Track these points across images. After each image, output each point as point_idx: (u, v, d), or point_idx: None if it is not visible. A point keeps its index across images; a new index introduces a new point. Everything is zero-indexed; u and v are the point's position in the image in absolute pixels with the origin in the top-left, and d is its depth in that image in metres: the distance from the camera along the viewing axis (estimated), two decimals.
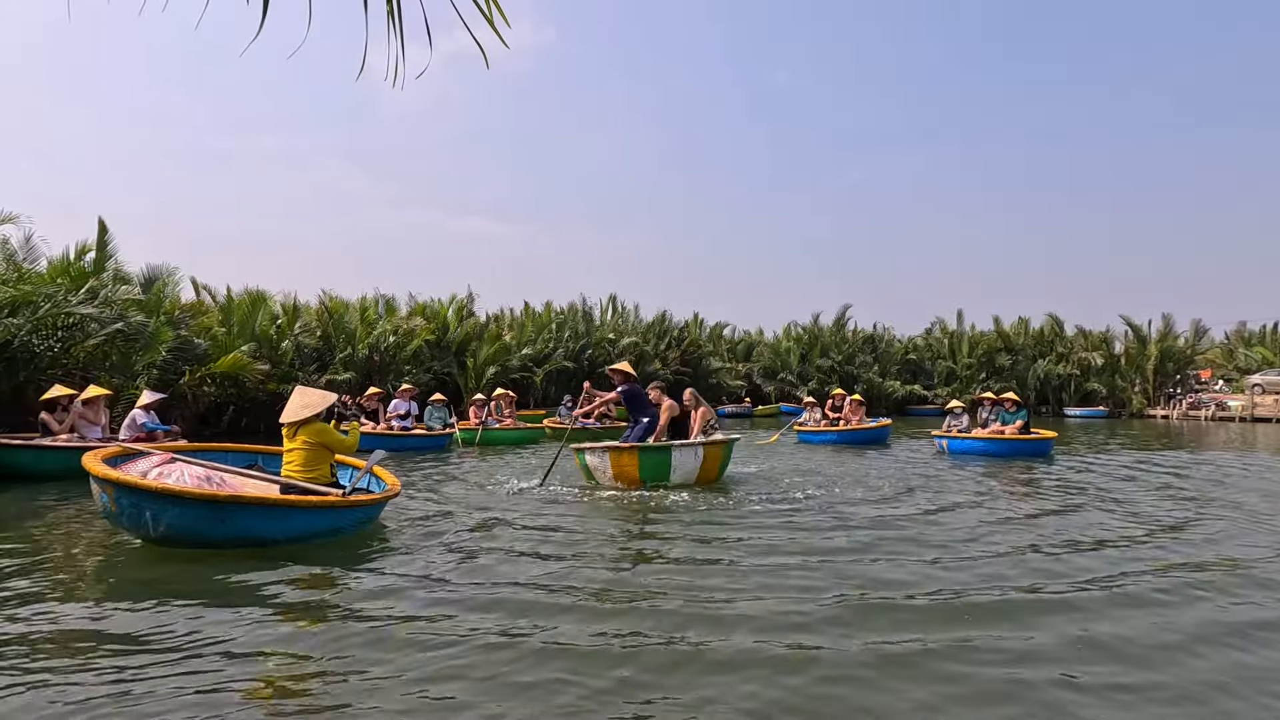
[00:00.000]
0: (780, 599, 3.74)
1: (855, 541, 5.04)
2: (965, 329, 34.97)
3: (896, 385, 31.98)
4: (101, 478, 4.42)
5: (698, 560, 4.55)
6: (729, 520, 5.84)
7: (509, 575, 4.16)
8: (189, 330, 14.34)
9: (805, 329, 34.29)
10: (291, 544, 4.69)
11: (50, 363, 10.68)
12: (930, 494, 7.37)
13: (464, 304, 23.93)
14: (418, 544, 4.95)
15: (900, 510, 6.40)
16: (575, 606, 3.64)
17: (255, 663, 2.92)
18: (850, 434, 14.28)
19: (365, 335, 18.98)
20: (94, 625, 3.33)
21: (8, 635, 3.18)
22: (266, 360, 15.78)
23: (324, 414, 5.25)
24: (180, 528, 4.42)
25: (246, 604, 3.62)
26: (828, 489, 7.64)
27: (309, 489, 4.96)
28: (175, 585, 3.91)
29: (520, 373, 23.09)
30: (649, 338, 30.18)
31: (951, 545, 4.96)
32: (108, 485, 4.42)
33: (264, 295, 17.50)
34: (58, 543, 5.06)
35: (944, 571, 4.29)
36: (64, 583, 4.05)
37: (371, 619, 3.43)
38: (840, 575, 4.19)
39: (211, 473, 4.91)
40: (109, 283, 12.43)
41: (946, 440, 12.30)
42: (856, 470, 9.51)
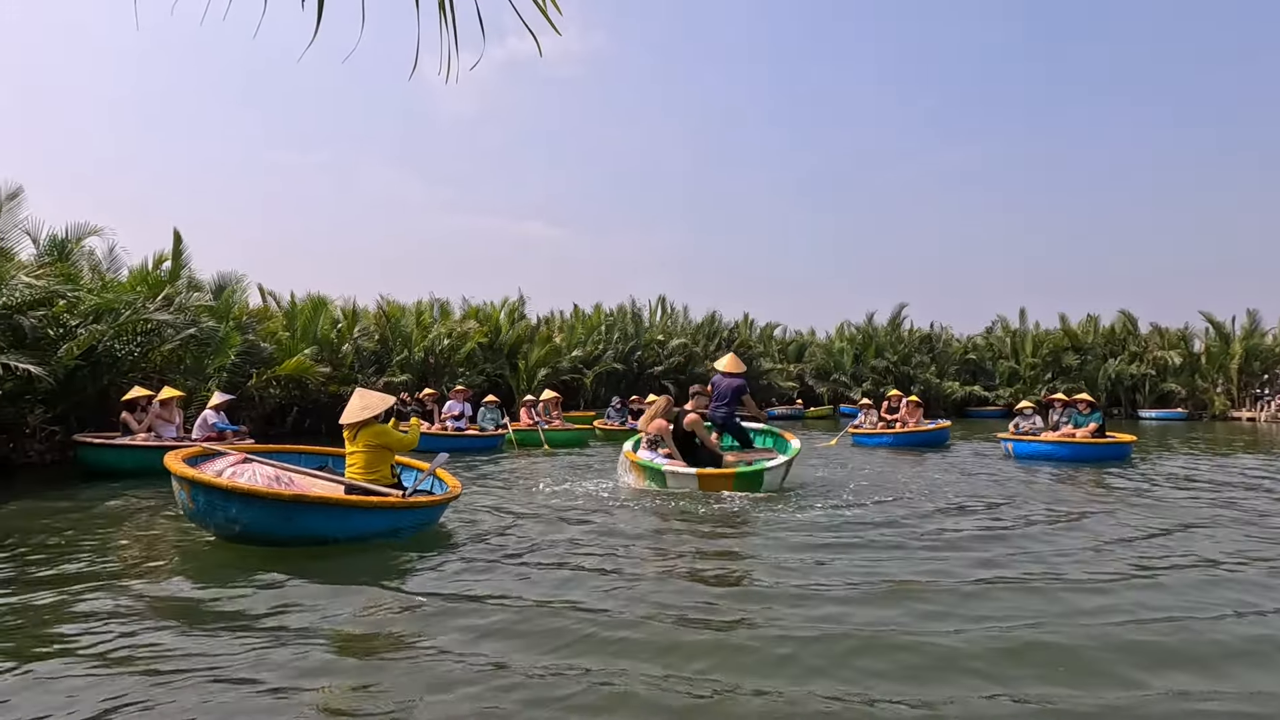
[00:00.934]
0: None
1: (951, 569, 4.37)
2: (1029, 327, 33.59)
3: (955, 386, 30.94)
4: (180, 476, 4.64)
5: (759, 578, 4.24)
6: (796, 533, 5.45)
7: (566, 582, 4.13)
8: (256, 335, 14.96)
9: (859, 329, 33.51)
10: (353, 543, 4.79)
11: (130, 366, 11.25)
12: (1017, 507, 6.67)
13: (515, 307, 24.29)
14: (471, 546, 4.98)
15: (987, 525, 5.78)
16: (635, 621, 3.55)
17: (306, 658, 2.97)
18: (908, 436, 13.85)
19: (421, 338, 19.47)
20: (155, 615, 3.46)
21: (87, 615, 3.33)
22: (328, 363, 16.34)
23: (383, 415, 5.35)
24: (249, 525, 4.58)
25: (304, 600, 3.69)
26: (896, 498, 7.10)
27: (371, 490, 5.07)
28: (237, 579, 4.04)
29: (570, 374, 23.28)
30: (698, 339, 30.02)
31: (1064, 572, 4.28)
32: (186, 483, 4.64)
33: (325, 300, 18.12)
34: (136, 535, 5.32)
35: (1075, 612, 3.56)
36: (139, 571, 4.24)
37: (422, 620, 3.45)
38: (947, 605, 3.64)
39: (281, 473, 5.10)
40: (183, 290, 13.07)
41: (1012, 443, 11.74)
42: (919, 476, 9.08)
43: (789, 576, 4.19)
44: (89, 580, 4.05)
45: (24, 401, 9.42)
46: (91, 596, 3.74)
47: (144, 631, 3.24)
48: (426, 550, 4.81)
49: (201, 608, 3.60)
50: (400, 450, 5.44)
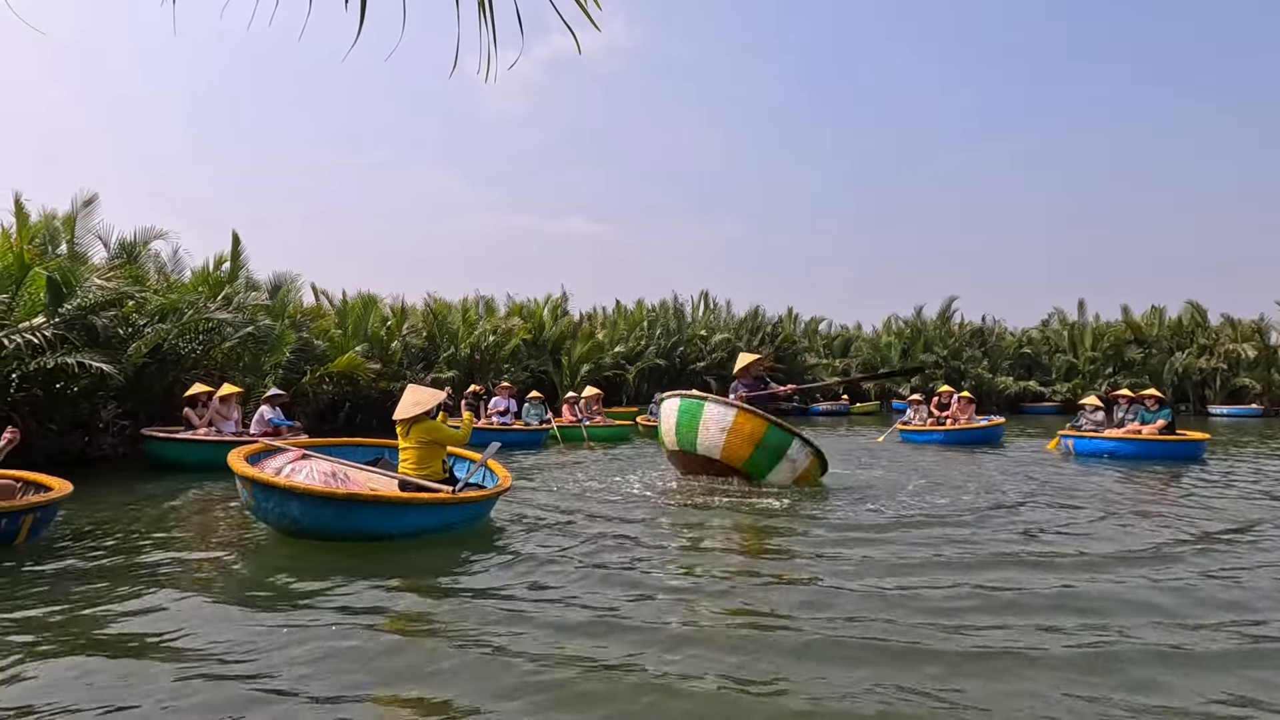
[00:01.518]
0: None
1: (1022, 579, 4.08)
2: (1088, 320, 32.19)
3: (1009, 381, 29.91)
4: (242, 475, 4.81)
5: (816, 581, 4.15)
6: (852, 533, 5.29)
7: (619, 579, 4.14)
8: (309, 333, 15.45)
9: (907, 322, 32.69)
10: (407, 539, 4.88)
11: (193, 363, 11.74)
12: (1084, 509, 6.32)
13: (559, 303, 24.47)
14: (520, 542, 5.04)
15: (1056, 531, 5.40)
16: (688, 621, 3.56)
17: (361, 649, 3.03)
18: (959, 433, 13.44)
19: (467, 335, 19.78)
20: (211, 605, 3.59)
21: (148, 608, 3.47)
22: (378, 360, 16.76)
23: (434, 410, 5.44)
24: (305, 521, 4.71)
25: (354, 595, 3.77)
26: (954, 500, 6.76)
27: (423, 485, 5.17)
28: (292, 573, 4.16)
29: (613, 370, 23.35)
30: (741, 334, 29.73)
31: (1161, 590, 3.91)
32: (247, 482, 4.80)
33: (375, 299, 18.58)
34: (199, 528, 5.55)
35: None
36: (198, 564, 4.42)
37: (471, 617, 3.49)
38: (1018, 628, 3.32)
39: (337, 469, 5.24)
40: (241, 289, 13.57)
41: (1073, 440, 11.23)
42: (976, 475, 8.75)
43: (850, 580, 4.06)
44: (150, 571, 4.24)
45: (98, 398, 9.92)
46: (149, 589, 3.91)
47: (198, 622, 3.36)
48: (478, 546, 4.88)
49: (255, 602, 3.72)
50: (452, 445, 5.55)
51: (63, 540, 4.98)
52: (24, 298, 8.62)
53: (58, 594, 3.74)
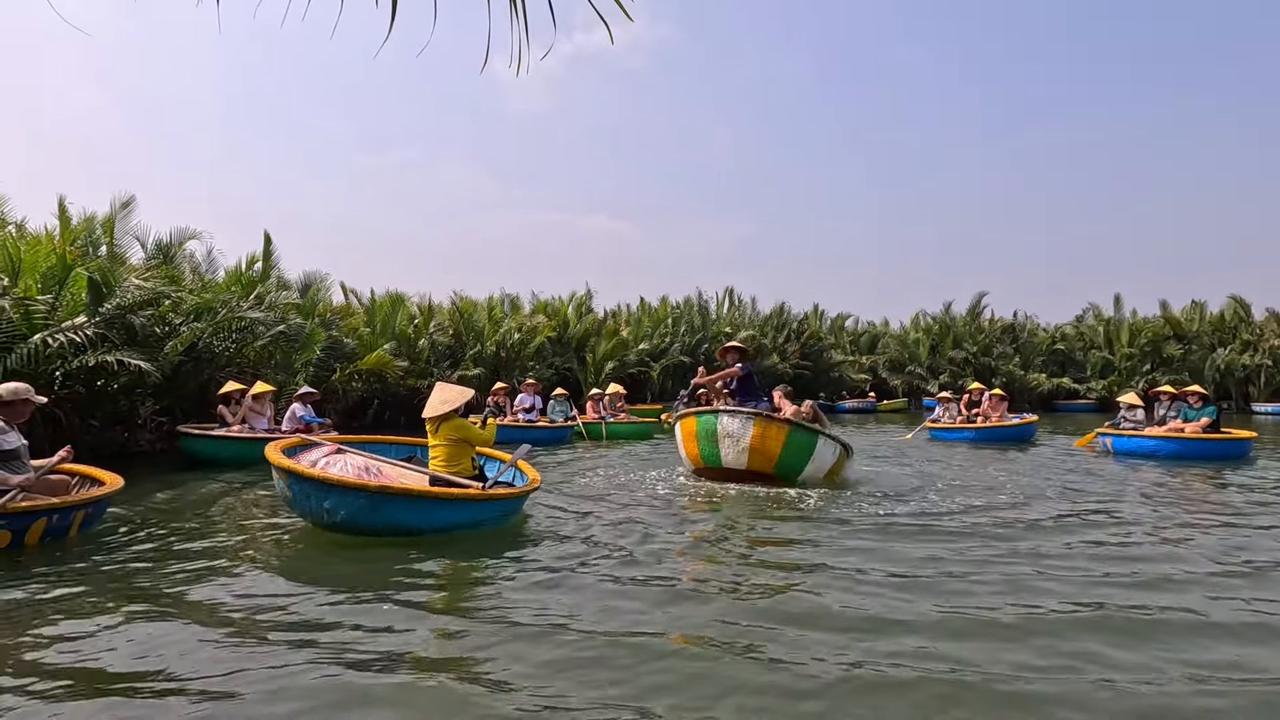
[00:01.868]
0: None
1: (1059, 591, 3.77)
2: (1125, 315, 31.33)
3: (1041, 378, 29.25)
4: (278, 466, 4.90)
5: (833, 595, 3.87)
6: (879, 539, 5.10)
7: (644, 572, 4.16)
8: (339, 331, 15.69)
9: (935, 319, 32.13)
10: (437, 534, 4.92)
11: (227, 361, 11.98)
12: (1126, 512, 6.05)
13: (583, 301, 24.52)
14: (548, 539, 5.05)
15: (1097, 536, 5.08)
16: (705, 606, 3.55)
17: (388, 644, 3.06)
18: (991, 431, 13.20)
19: (492, 333, 19.92)
20: (245, 594, 3.65)
21: (186, 596, 3.55)
22: (405, 357, 16.96)
23: (462, 409, 5.49)
24: (338, 513, 4.76)
25: (384, 588, 3.81)
26: (987, 502, 6.51)
27: (454, 482, 5.22)
28: (322, 566, 4.24)
29: (638, 367, 23.34)
30: (766, 330, 29.53)
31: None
32: (283, 473, 4.89)
33: (402, 297, 18.81)
34: (230, 521, 5.63)
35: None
36: (233, 555, 4.49)
37: (503, 614, 3.50)
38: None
39: (370, 463, 5.32)
40: (272, 289, 13.82)
41: (1111, 438, 10.88)
42: (1010, 475, 8.48)
43: (869, 599, 3.90)
44: (188, 563, 4.33)
45: (136, 394, 10.18)
46: (188, 584, 3.99)
47: (211, 617, 3.41)
48: (506, 543, 4.89)
49: (279, 597, 3.75)
50: (479, 444, 5.59)
51: (111, 534, 5.09)
52: (66, 298, 8.86)
53: (107, 584, 3.84)
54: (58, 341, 7.96)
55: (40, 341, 7.85)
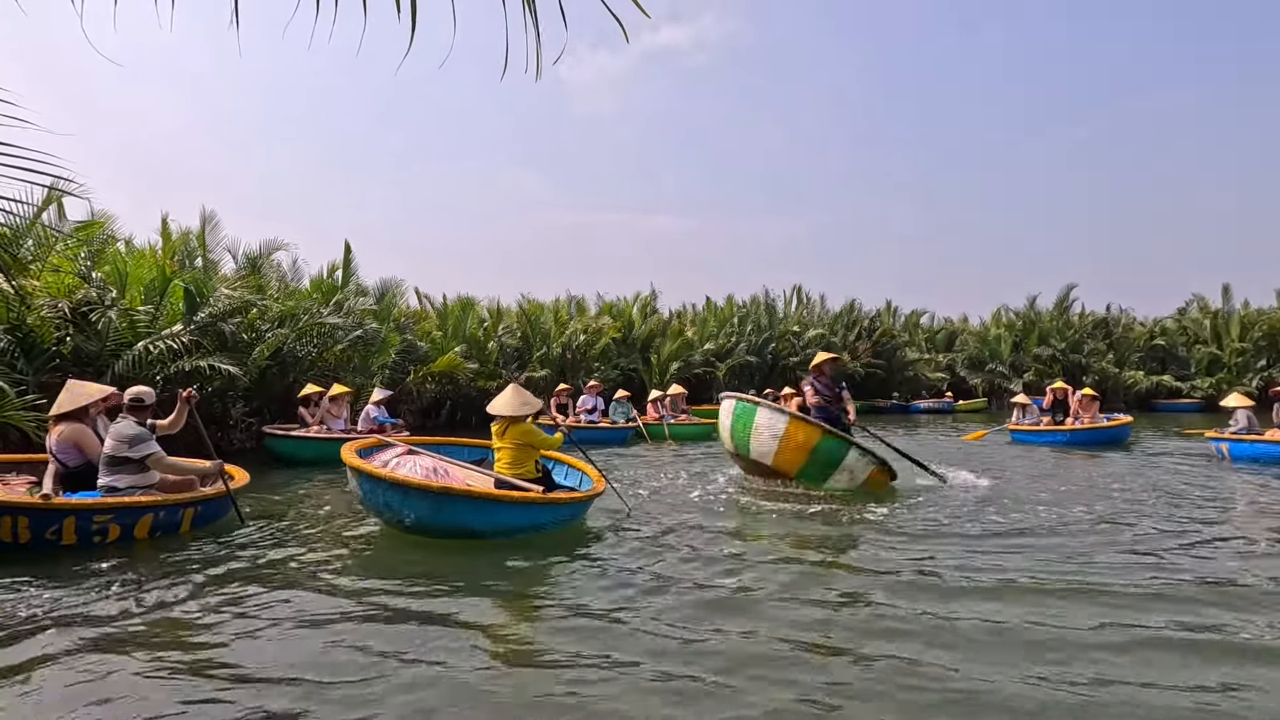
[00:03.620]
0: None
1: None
2: (1234, 306, 28.81)
3: (1139, 376, 27.25)
4: (352, 466, 5.04)
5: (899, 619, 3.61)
6: (957, 550, 4.83)
7: (702, 580, 4.14)
8: (413, 335, 16.31)
9: (1019, 314, 30.46)
10: (499, 537, 4.99)
11: (310, 365, 12.67)
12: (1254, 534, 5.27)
13: (648, 301, 24.58)
14: (608, 544, 5.07)
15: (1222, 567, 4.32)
16: (750, 612, 3.48)
17: (458, 643, 3.14)
18: (1078, 434, 12.37)
19: (559, 335, 20.24)
20: (319, 591, 3.83)
21: (259, 579, 3.76)
22: (475, 359, 17.48)
23: (530, 416, 5.57)
24: (404, 512, 4.87)
25: (454, 589, 3.93)
26: (1090, 516, 5.89)
27: (518, 485, 5.29)
28: (393, 564, 4.39)
29: (703, 368, 23.21)
30: (836, 329, 28.77)
31: None
32: (356, 473, 5.02)
33: (472, 301, 19.39)
34: (310, 520, 5.88)
35: None
36: (306, 551, 4.73)
37: (563, 618, 3.54)
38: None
39: (439, 465, 5.47)
40: (350, 295, 14.51)
41: (1228, 444, 9.94)
42: (1113, 484, 7.75)
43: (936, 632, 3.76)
44: (277, 561, 4.58)
45: (228, 397, 10.91)
46: (246, 576, 4.22)
47: (290, 610, 3.59)
48: (567, 548, 4.92)
49: (347, 595, 3.92)
50: (544, 448, 5.64)
51: (224, 530, 5.35)
52: (166, 307, 9.58)
53: (197, 578, 4.12)
54: (158, 348, 8.61)
55: (143, 348, 8.51)
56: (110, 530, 4.70)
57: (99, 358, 8.56)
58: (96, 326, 8.64)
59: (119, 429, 4.95)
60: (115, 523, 4.71)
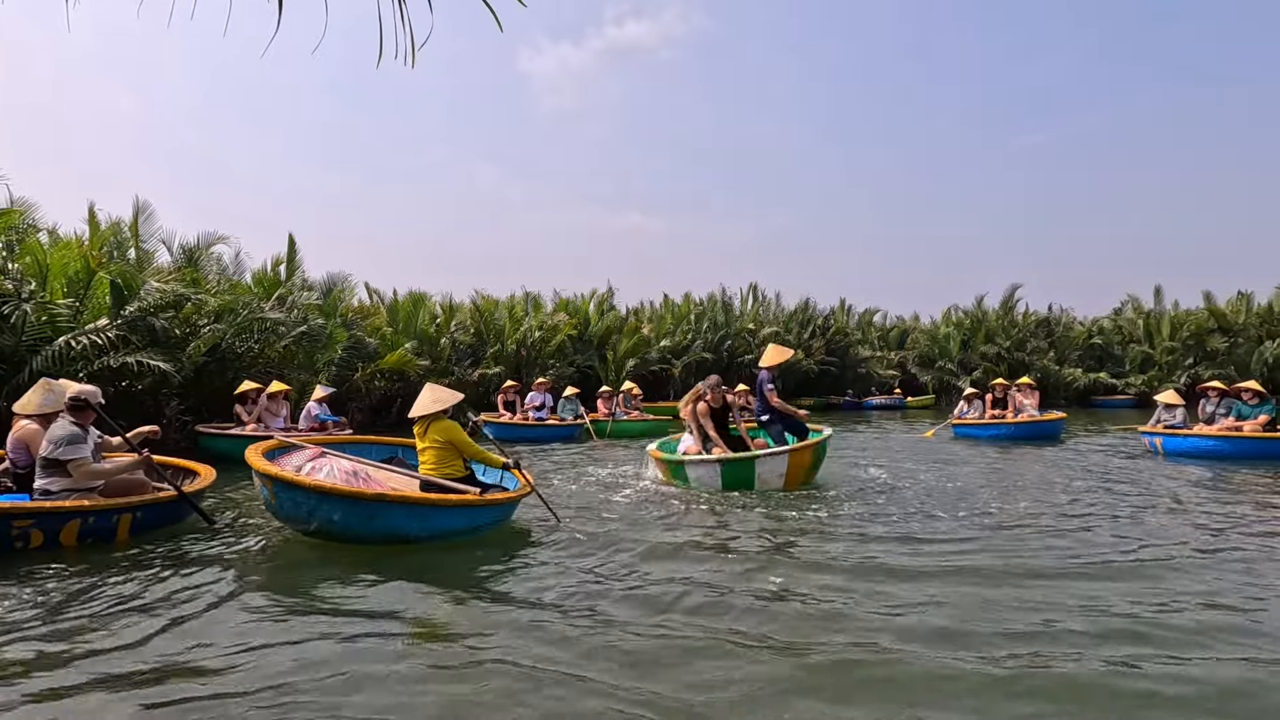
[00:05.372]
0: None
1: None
2: (1165, 308, 30.20)
3: (1078, 373, 28.33)
4: (262, 472, 4.64)
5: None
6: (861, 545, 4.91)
7: (634, 573, 4.13)
8: (361, 330, 15.93)
9: (967, 313, 31.35)
10: (432, 542, 4.75)
11: (251, 362, 12.27)
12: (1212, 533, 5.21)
13: (605, 299, 24.54)
14: (543, 544, 4.95)
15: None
16: (685, 606, 3.49)
17: (388, 649, 3.06)
18: (1017, 428, 12.82)
19: (513, 331, 20.05)
20: (234, 603, 3.69)
21: (166, 596, 3.60)
22: (427, 356, 17.18)
23: (451, 410, 5.36)
24: (331, 523, 4.56)
25: (383, 597, 3.78)
26: (1035, 513, 5.89)
27: (447, 486, 5.06)
28: (321, 574, 4.15)
29: (659, 365, 23.28)
30: (791, 327, 29.18)
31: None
32: (267, 479, 4.63)
33: (423, 297, 19.05)
34: (234, 523, 5.56)
35: None
36: (229, 558, 4.52)
37: (496, 626, 3.47)
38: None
39: (358, 467, 5.13)
40: (294, 290, 14.10)
41: (1161, 438, 10.30)
42: (1048, 477, 7.95)
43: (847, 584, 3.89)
44: (179, 563, 4.39)
45: (161, 395, 10.48)
46: (164, 587, 4.03)
47: (202, 630, 3.35)
48: (503, 548, 4.78)
49: (266, 606, 3.73)
50: (466, 454, 5.35)
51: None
52: (91, 301, 9.15)
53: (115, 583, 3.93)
54: (81, 344, 8.22)
55: (64, 344, 8.12)
56: (33, 536, 4.42)
57: (15, 353, 8.14)
58: (10, 320, 8.20)
59: (53, 430, 4.67)
60: (37, 528, 4.43)
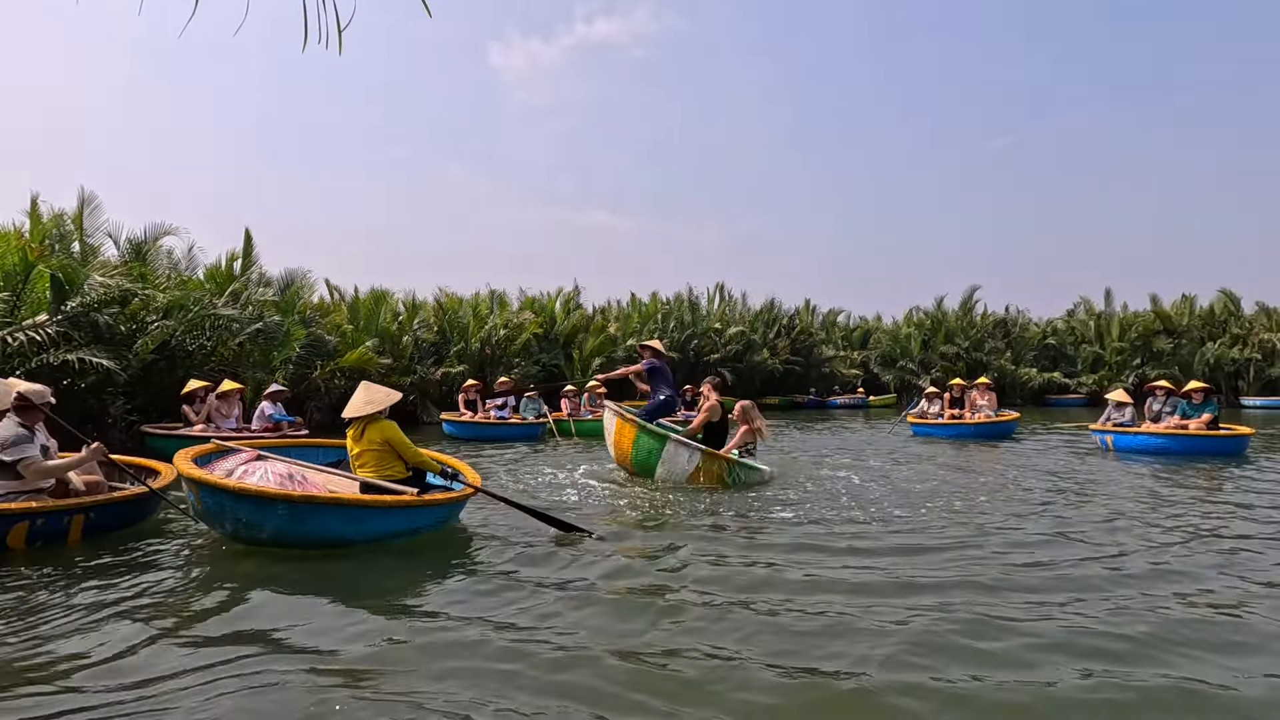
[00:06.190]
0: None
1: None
2: (1115, 309, 31.31)
3: (1033, 373, 29.18)
4: (186, 477, 4.42)
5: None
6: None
7: (579, 574, 4.07)
8: (321, 328, 15.56)
9: (928, 314, 32.05)
10: (368, 544, 4.57)
11: (203, 360, 11.89)
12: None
13: (571, 297, 24.41)
14: (488, 545, 4.81)
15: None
16: (635, 614, 3.47)
17: (316, 664, 2.97)
18: (971, 428, 13.13)
19: (477, 330, 19.80)
20: (172, 611, 3.56)
21: (94, 610, 3.46)
22: (389, 355, 16.86)
23: (387, 411, 5.15)
24: (258, 527, 4.37)
25: (317, 605, 3.62)
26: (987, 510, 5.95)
27: (386, 488, 4.85)
28: (253, 582, 3.91)
29: (625, 364, 23.25)
30: (757, 326, 29.44)
31: None
32: (192, 484, 4.42)
33: (386, 294, 18.71)
34: (171, 526, 5.30)
35: None
36: (158, 567, 4.33)
37: (439, 625, 3.41)
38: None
39: (294, 470, 4.91)
40: (250, 286, 13.71)
41: (1112, 435, 10.59)
42: (1006, 477, 8.01)
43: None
44: (112, 570, 4.22)
45: (106, 394, 10.09)
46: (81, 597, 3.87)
47: (129, 636, 3.17)
48: (443, 551, 4.64)
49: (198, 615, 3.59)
50: (405, 456, 5.11)
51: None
52: (29, 296, 8.77)
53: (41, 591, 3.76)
54: (18, 340, 7.87)
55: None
56: None
57: None
58: None
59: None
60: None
